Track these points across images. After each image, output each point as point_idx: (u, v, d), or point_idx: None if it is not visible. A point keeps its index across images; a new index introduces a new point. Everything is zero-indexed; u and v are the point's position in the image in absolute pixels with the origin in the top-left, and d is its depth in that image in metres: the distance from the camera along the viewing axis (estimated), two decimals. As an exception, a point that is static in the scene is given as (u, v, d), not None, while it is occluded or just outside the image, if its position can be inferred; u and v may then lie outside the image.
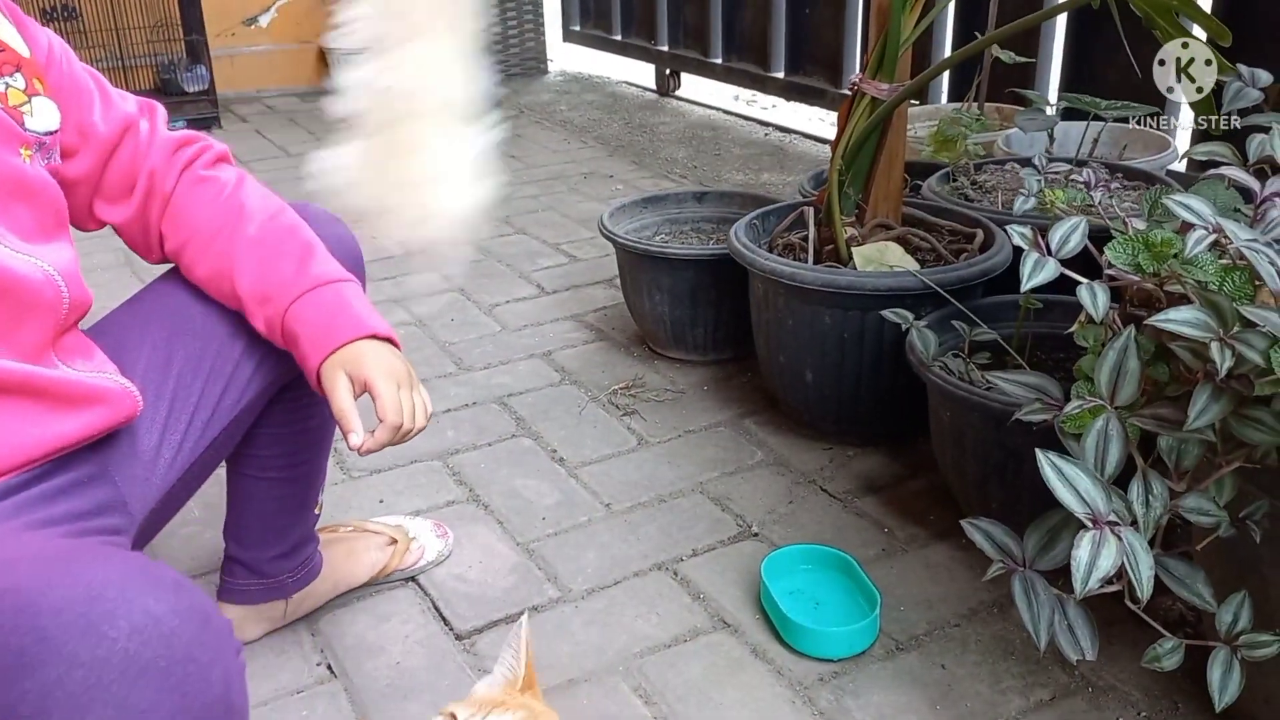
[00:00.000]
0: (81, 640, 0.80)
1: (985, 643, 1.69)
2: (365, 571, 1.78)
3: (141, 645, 0.81)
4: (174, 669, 0.82)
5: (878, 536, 1.96)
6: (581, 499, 2.09)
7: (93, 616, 0.81)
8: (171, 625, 0.84)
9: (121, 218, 1.32)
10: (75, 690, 0.79)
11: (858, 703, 1.58)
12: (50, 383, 1.09)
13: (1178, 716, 1.53)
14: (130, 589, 0.84)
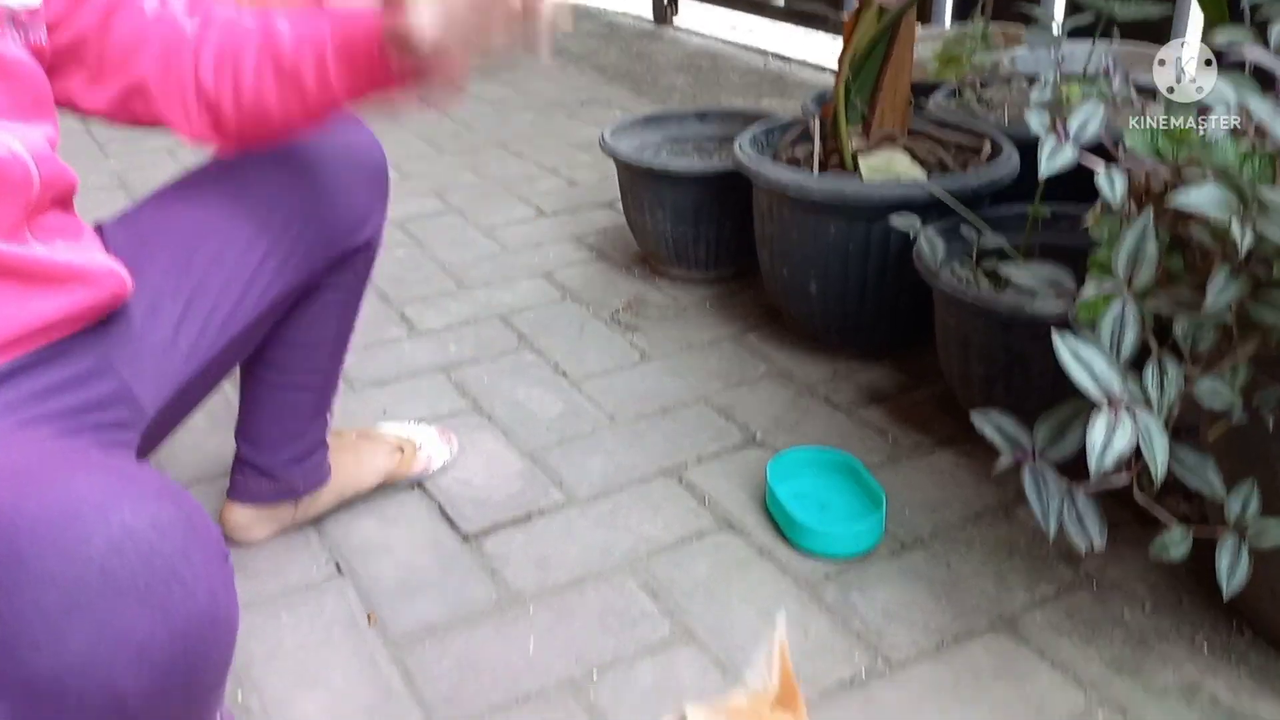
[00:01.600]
0: (58, 560, 0.77)
1: (990, 544, 1.70)
2: (373, 478, 1.78)
3: (119, 563, 0.78)
4: (155, 585, 0.79)
5: (881, 444, 1.96)
6: (585, 410, 2.08)
7: (69, 536, 0.78)
8: (150, 540, 0.80)
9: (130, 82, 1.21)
10: (52, 612, 0.76)
11: (863, 598, 1.59)
12: (22, 261, 1.05)
13: (1182, 610, 1.54)
14: (109, 502, 0.81)
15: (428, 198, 3.15)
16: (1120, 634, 1.51)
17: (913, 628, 1.53)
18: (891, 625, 1.54)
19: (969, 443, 1.94)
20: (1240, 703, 1.39)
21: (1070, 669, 1.45)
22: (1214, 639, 1.49)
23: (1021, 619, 1.54)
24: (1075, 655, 1.47)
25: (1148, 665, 1.45)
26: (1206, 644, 1.49)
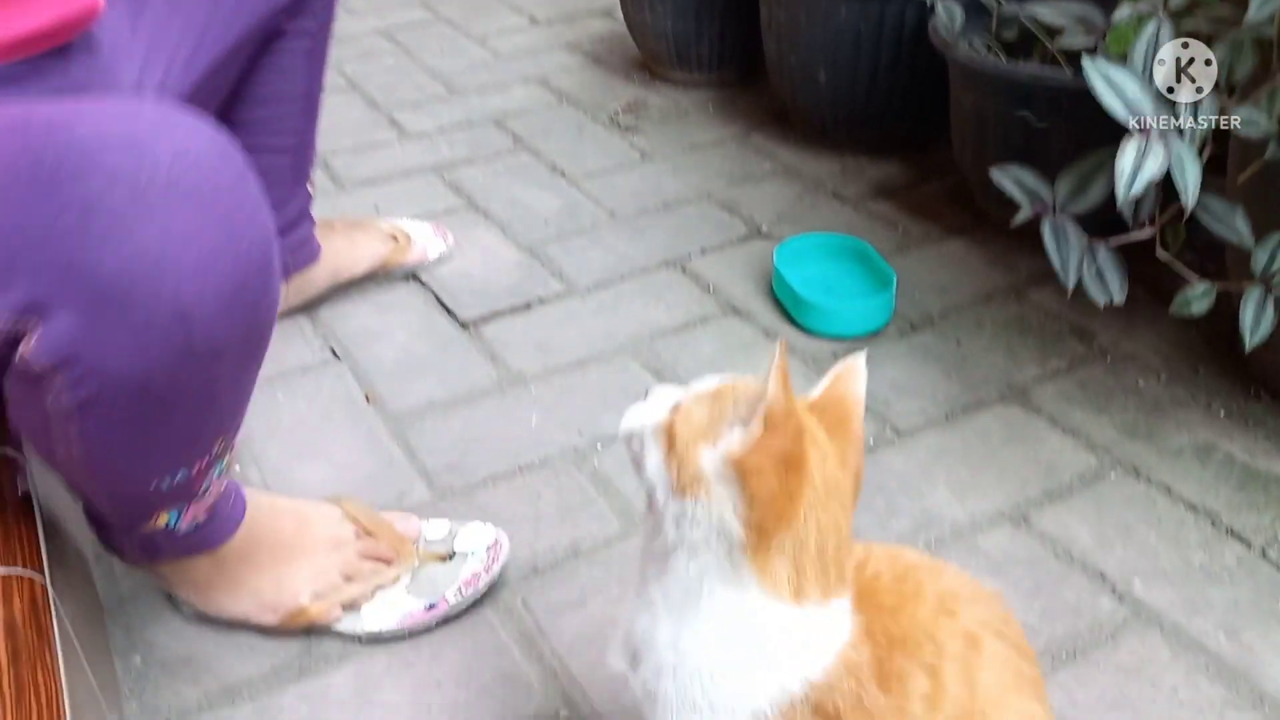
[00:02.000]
0: (123, 156, 0.75)
1: (1001, 322, 1.65)
2: (365, 261, 1.72)
3: (184, 171, 0.77)
4: (220, 201, 0.79)
5: (891, 234, 1.90)
6: (584, 207, 2.01)
7: (134, 135, 0.76)
8: (213, 160, 0.80)
9: None
10: (118, 206, 0.74)
11: (871, 373, 1.53)
12: None
13: (1198, 379, 1.51)
14: (168, 122, 0.79)
15: (414, 8, 3.00)
16: (1134, 402, 1.48)
17: (921, 399, 1.50)
18: (900, 398, 1.51)
19: (981, 231, 1.88)
20: (1256, 462, 1.36)
21: (1082, 434, 1.42)
22: (1230, 405, 1.46)
23: (1033, 390, 1.51)
24: (1087, 422, 1.44)
25: (1162, 429, 1.43)
26: (1223, 409, 1.45)
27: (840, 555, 0.73)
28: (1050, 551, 1.25)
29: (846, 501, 0.74)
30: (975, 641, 0.77)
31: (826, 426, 0.76)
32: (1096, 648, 1.13)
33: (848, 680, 0.73)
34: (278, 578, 1.13)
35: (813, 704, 0.73)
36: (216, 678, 1.12)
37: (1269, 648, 1.12)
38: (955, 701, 0.75)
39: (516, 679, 1.11)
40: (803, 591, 0.71)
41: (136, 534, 1.04)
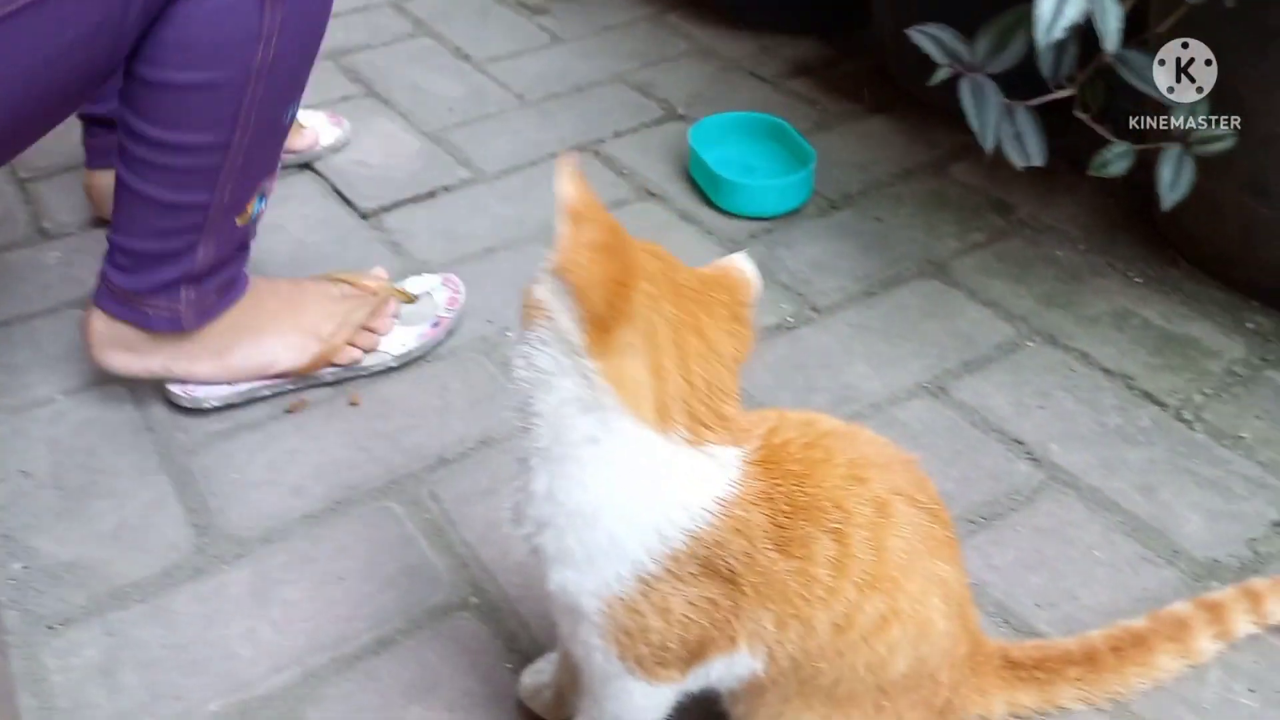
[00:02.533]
0: None
1: (921, 197, 1.62)
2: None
3: None
4: None
5: (810, 112, 1.84)
6: (491, 91, 1.92)
7: None
8: None
9: None
10: None
11: (790, 253, 1.51)
12: None
13: (1116, 248, 1.49)
14: None
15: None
16: (1052, 272, 1.46)
17: (841, 277, 1.46)
18: (819, 276, 1.47)
19: (901, 108, 1.83)
20: (1172, 326, 1.36)
21: (1001, 305, 1.40)
22: (1148, 272, 1.45)
23: (951, 264, 1.48)
24: (1006, 293, 1.42)
25: (1079, 298, 1.41)
26: (1140, 276, 1.44)
27: (712, 397, 0.68)
28: (968, 420, 1.23)
29: (720, 348, 0.69)
30: (885, 507, 0.74)
31: (710, 288, 0.72)
32: (1014, 511, 1.12)
33: (737, 540, 0.70)
34: (296, 320, 1.25)
35: (700, 560, 0.70)
36: (104, 581, 1.06)
37: (1183, 504, 1.12)
38: (863, 566, 0.72)
39: (423, 570, 1.07)
40: (666, 414, 0.66)
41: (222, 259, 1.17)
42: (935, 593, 0.77)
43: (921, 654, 0.77)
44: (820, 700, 0.77)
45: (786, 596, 0.72)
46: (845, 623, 0.73)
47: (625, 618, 0.71)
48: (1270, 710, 0.93)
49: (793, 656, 0.74)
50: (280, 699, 0.95)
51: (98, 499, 1.15)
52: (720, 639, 0.73)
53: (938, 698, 0.82)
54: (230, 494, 1.15)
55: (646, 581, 0.70)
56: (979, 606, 1.01)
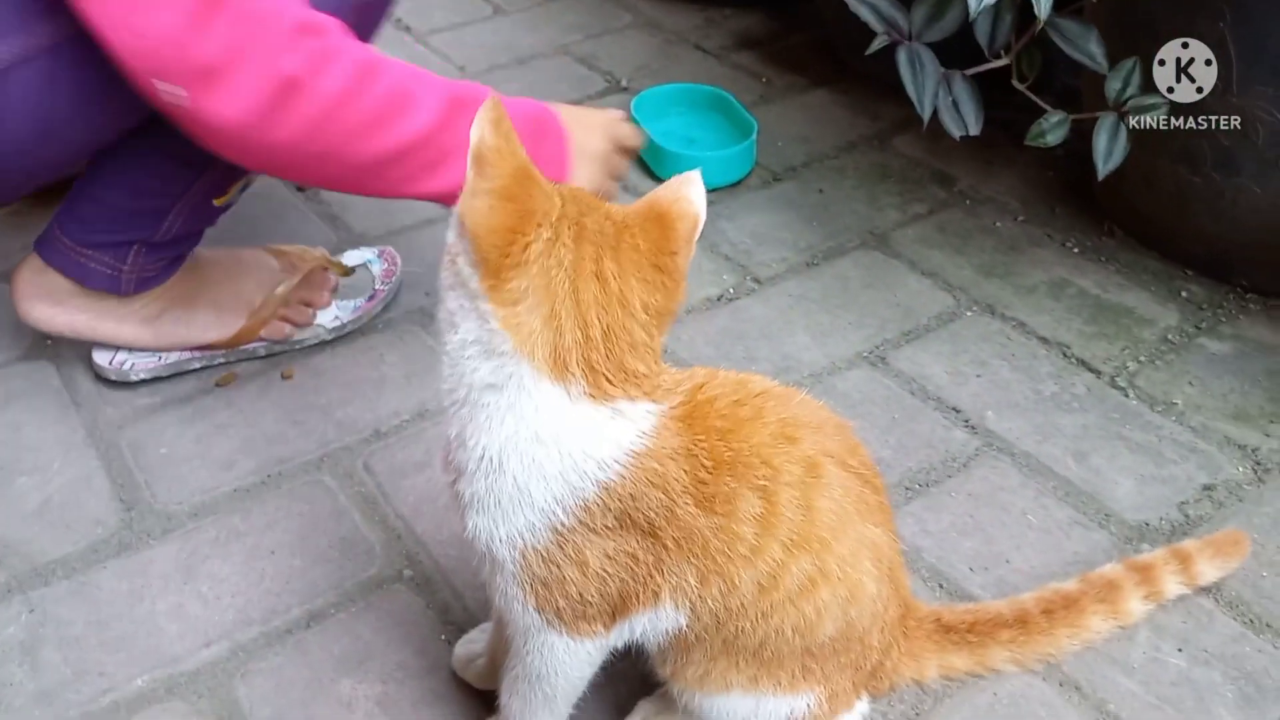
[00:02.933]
0: None
1: (863, 170, 1.62)
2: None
3: None
4: None
5: (754, 85, 1.83)
6: (431, 63, 1.89)
7: None
8: None
9: None
10: None
11: (732, 225, 1.51)
12: None
13: (1054, 219, 1.50)
14: None
15: None
16: (991, 242, 1.46)
17: (783, 248, 1.46)
18: (761, 247, 1.46)
19: (845, 82, 1.83)
20: (1108, 295, 1.37)
21: (940, 275, 1.41)
22: (1084, 242, 1.46)
23: (892, 235, 1.48)
24: (945, 263, 1.43)
25: (1017, 268, 1.42)
26: (1077, 247, 1.45)
27: (613, 349, 0.67)
28: (906, 389, 1.24)
29: (629, 298, 0.67)
30: (815, 468, 0.74)
31: (645, 221, 0.70)
32: (949, 477, 1.13)
33: (653, 493, 0.69)
34: (228, 291, 1.23)
35: (615, 513, 0.69)
36: (26, 559, 1.03)
37: (1115, 470, 1.13)
38: (791, 525, 0.72)
39: (356, 543, 1.06)
40: (561, 365, 0.66)
41: (183, 235, 1.15)
42: (866, 556, 0.77)
43: (851, 617, 0.77)
44: (746, 660, 0.77)
45: (709, 552, 0.71)
46: (770, 582, 0.72)
47: (540, 568, 0.70)
48: (1198, 668, 0.95)
49: (715, 614, 0.73)
50: (208, 673, 0.94)
51: (22, 475, 1.12)
52: (643, 593, 0.72)
53: (867, 660, 0.83)
54: (158, 469, 1.12)
55: (559, 532, 0.69)
56: (913, 571, 1.02)
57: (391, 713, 0.91)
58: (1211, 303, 1.35)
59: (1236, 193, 1.29)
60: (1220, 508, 1.09)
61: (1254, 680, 0.94)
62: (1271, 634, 0.97)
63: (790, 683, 0.78)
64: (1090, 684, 0.93)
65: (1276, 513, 1.08)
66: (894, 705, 0.92)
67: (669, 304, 0.70)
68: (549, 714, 0.80)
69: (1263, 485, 1.12)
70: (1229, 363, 1.26)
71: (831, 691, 0.81)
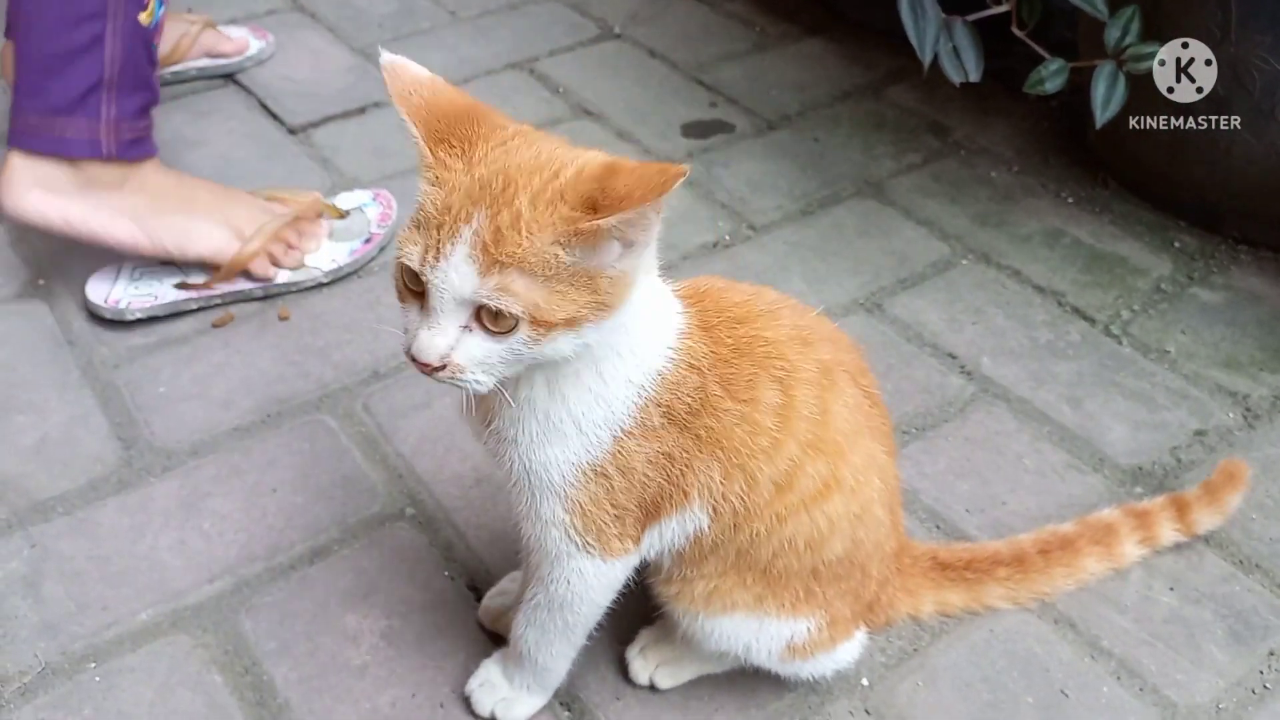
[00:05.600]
0: None
1: (859, 119, 1.62)
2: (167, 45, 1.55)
3: None
4: None
5: (748, 33, 1.82)
6: (422, 6, 1.87)
7: None
8: None
9: None
10: None
11: (728, 172, 1.50)
12: None
13: (1049, 169, 1.51)
14: None
15: None
16: (986, 192, 1.47)
17: (778, 195, 1.46)
18: (756, 195, 1.46)
19: (839, 31, 1.82)
20: (1102, 244, 1.38)
21: (935, 224, 1.41)
22: (1079, 193, 1.47)
23: (888, 184, 1.49)
24: (940, 212, 1.43)
25: (1012, 217, 1.42)
26: (1071, 197, 1.46)
27: None
28: (902, 336, 1.24)
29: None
30: (830, 373, 0.74)
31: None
32: (946, 422, 1.14)
33: (692, 376, 0.70)
34: (223, 213, 1.22)
35: (664, 407, 0.70)
36: (25, 495, 1.03)
37: (1109, 415, 1.15)
38: (808, 424, 0.72)
39: (358, 481, 1.06)
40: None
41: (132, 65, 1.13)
42: (876, 475, 0.77)
43: (859, 537, 0.78)
44: (755, 577, 0.78)
45: (733, 443, 0.71)
46: (786, 481, 0.73)
47: (592, 485, 0.71)
48: (1189, 607, 0.97)
49: (735, 513, 0.73)
50: (213, 607, 0.94)
51: (18, 413, 1.11)
52: (675, 495, 0.73)
53: (866, 590, 0.84)
54: (156, 408, 1.12)
55: (619, 440, 0.70)
56: (910, 513, 1.04)
57: (397, 645, 0.91)
58: (1204, 253, 1.37)
59: (1230, 143, 1.30)
60: (1211, 453, 1.11)
61: (1243, 618, 0.96)
62: (1260, 574, 1.00)
63: (794, 604, 0.80)
64: (1084, 621, 0.95)
65: (1266, 458, 1.10)
66: (893, 641, 0.93)
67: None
68: (565, 643, 0.81)
69: (1253, 431, 1.13)
70: (1221, 312, 1.28)
71: (832, 618, 0.82)
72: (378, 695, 0.88)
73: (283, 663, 0.90)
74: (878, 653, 0.93)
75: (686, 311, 0.72)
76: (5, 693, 0.87)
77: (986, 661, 0.92)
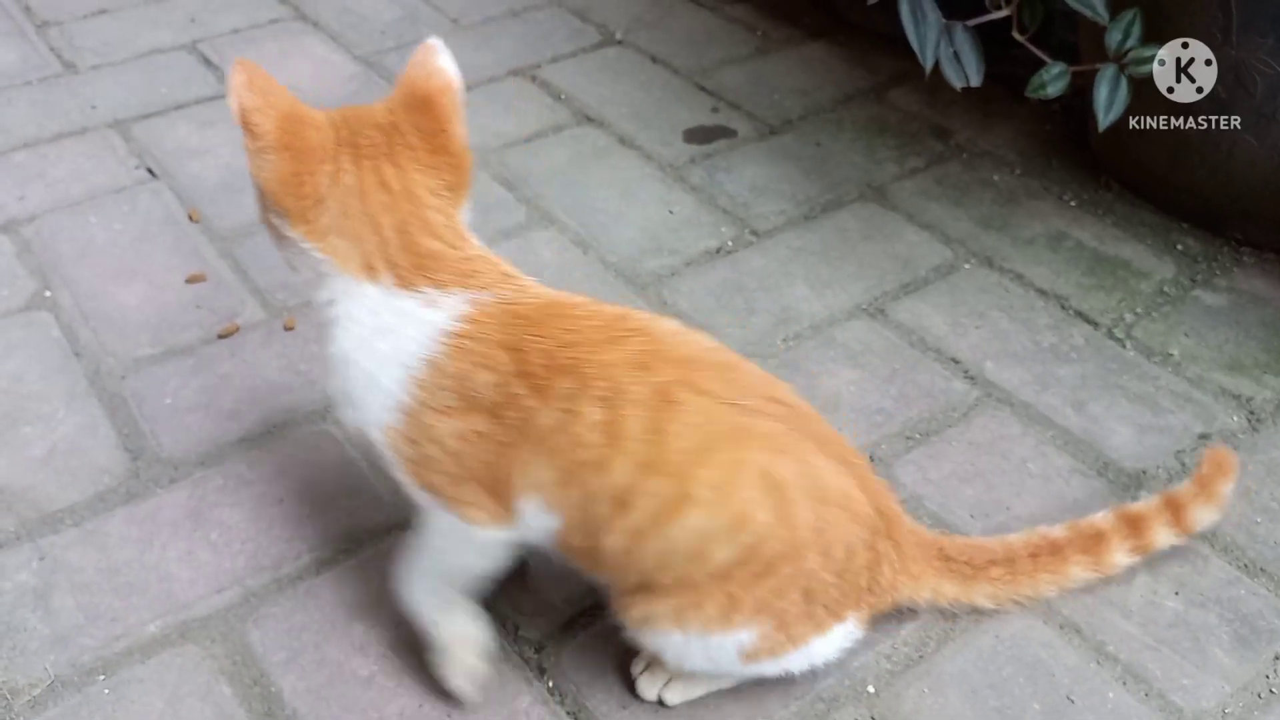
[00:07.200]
0: None
1: (861, 122, 1.62)
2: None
3: None
4: None
5: (750, 38, 1.82)
6: (425, 14, 1.87)
7: None
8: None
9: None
10: None
11: (730, 177, 1.50)
12: None
13: (1051, 172, 1.51)
14: None
15: None
16: (989, 195, 1.47)
17: (781, 200, 1.46)
18: (759, 199, 1.46)
19: (841, 35, 1.82)
20: (1105, 247, 1.38)
21: (938, 228, 1.41)
22: (1081, 195, 1.47)
23: (891, 188, 1.49)
24: (943, 216, 1.43)
25: (1015, 221, 1.43)
26: (1074, 200, 1.46)
27: (408, 241, 0.77)
28: (906, 340, 1.25)
29: (415, 190, 0.78)
30: (668, 395, 0.76)
31: (409, 112, 0.78)
32: (950, 427, 1.14)
33: (481, 373, 0.76)
34: None
35: (452, 390, 0.76)
36: (34, 506, 1.03)
37: (1113, 418, 1.15)
38: (642, 445, 0.75)
39: (364, 491, 1.06)
40: (371, 269, 0.77)
41: None
42: (750, 484, 0.77)
43: (746, 543, 0.77)
44: (661, 592, 0.79)
45: (557, 447, 0.76)
46: (624, 498, 0.75)
47: (407, 447, 0.79)
48: (1194, 611, 0.97)
49: (585, 522, 0.78)
50: (220, 619, 0.94)
51: (26, 425, 1.11)
52: (502, 475, 0.78)
53: (820, 584, 0.81)
54: (163, 419, 1.12)
55: (406, 411, 0.78)
56: (916, 518, 1.04)
57: (404, 656, 0.92)
58: (1207, 256, 1.37)
59: (1233, 145, 1.30)
60: (1215, 455, 1.11)
61: (1249, 623, 0.96)
62: (1265, 578, 1.00)
63: (721, 615, 0.80)
64: (1089, 626, 0.95)
65: (1270, 460, 1.10)
66: (898, 649, 0.94)
67: (459, 177, 0.80)
68: (422, 585, 0.86)
69: (1257, 434, 1.13)
70: (1224, 314, 1.28)
71: (781, 619, 0.81)
72: (385, 705, 0.88)
73: (290, 673, 0.90)
74: (883, 659, 0.93)
75: (492, 317, 0.78)
76: (15, 705, 0.87)
77: (993, 668, 0.92)
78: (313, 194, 0.75)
